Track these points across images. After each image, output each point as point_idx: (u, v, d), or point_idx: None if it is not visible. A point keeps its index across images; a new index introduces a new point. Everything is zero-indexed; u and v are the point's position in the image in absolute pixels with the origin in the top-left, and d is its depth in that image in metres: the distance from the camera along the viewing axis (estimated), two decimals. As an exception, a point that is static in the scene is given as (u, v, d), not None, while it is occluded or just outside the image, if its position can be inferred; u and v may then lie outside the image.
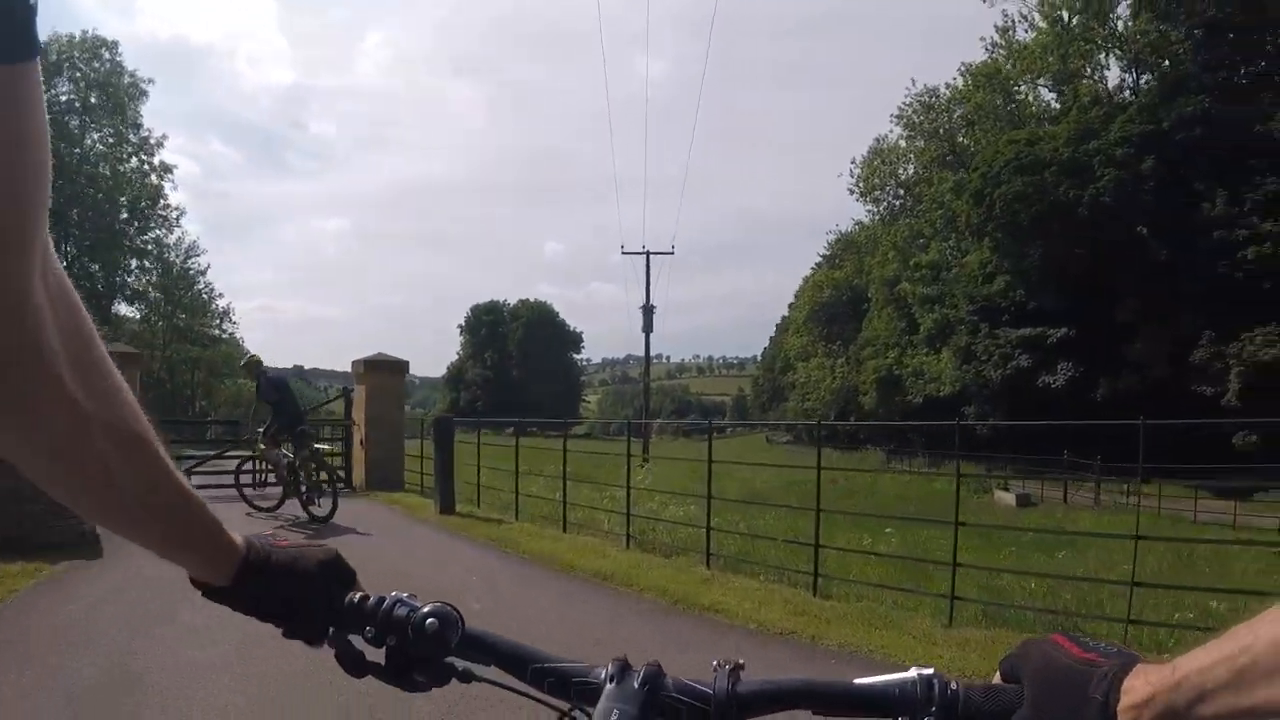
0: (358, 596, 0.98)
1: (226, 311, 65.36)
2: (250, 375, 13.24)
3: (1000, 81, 53.03)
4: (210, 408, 57.97)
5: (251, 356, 13.67)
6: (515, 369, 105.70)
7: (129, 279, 58.22)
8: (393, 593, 0.97)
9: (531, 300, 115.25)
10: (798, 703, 0.84)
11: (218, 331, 64.07)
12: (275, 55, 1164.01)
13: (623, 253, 43.74)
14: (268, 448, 12.37)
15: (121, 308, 57.29)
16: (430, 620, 0.92)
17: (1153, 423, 7.06)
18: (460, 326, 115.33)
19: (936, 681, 0.78)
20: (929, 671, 0.79)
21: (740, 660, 0.87)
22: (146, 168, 57.92)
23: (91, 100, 53.66)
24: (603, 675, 0.87)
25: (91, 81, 53.54)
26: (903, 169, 63.00)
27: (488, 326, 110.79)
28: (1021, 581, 9.06)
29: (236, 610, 0.95)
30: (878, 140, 65.12)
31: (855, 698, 0.81)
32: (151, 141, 57.82)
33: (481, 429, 16.11)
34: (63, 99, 51.65)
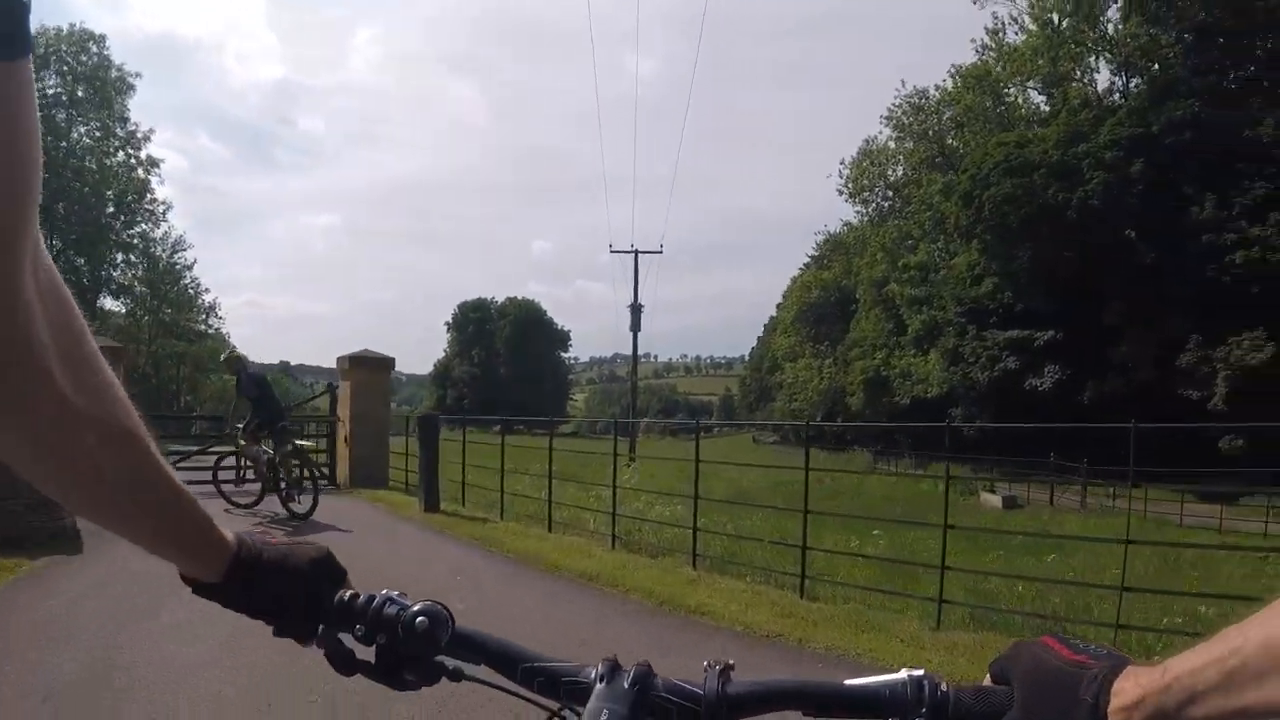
0: (348, 595, 0.98)
1: (213, 307, 65.33)
2: (230, 370, 13.16)
3: (990, 84, 53.04)
4: (196, 403, 57.83)
5: (232, 352, 13.62)
6: (502, 367, 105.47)
7: (115, 273, 57.87)
8: (383, 591, 0.97)
9: (519, 298, 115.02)
10: (788, 703, 0.84)
11: (204, 327, 64.01)
12: (264, 51, 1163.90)
13: (611, 251, 43.65)
14: (247, 444, 12.30)
15: (107, 302, 56.95)
16: (420, 619, 0.92)
17: (1144, 426, 7.02)
18: (447, 324, 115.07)
19: (927, 683, 0.79)
20: (919, 673, 0.80)
21: (730, 660, 0.87)
22: (133, 162, 57.59)
23: (79, 94, 53.29)
24: (593, 675, 0.88)
25: (79, 75, 53.15)
26: (892, 170, 63.09)
27: (475, 324, 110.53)
28: (1009, 585, 9.02)
29: (227, 607, 0.95)
30: (867, 141, 65.29)
31: (846, 699, 0.82)
32: (139, 135, 57.50)
33: (467, 426, 16.00)
34: (50, 92, 51.24)
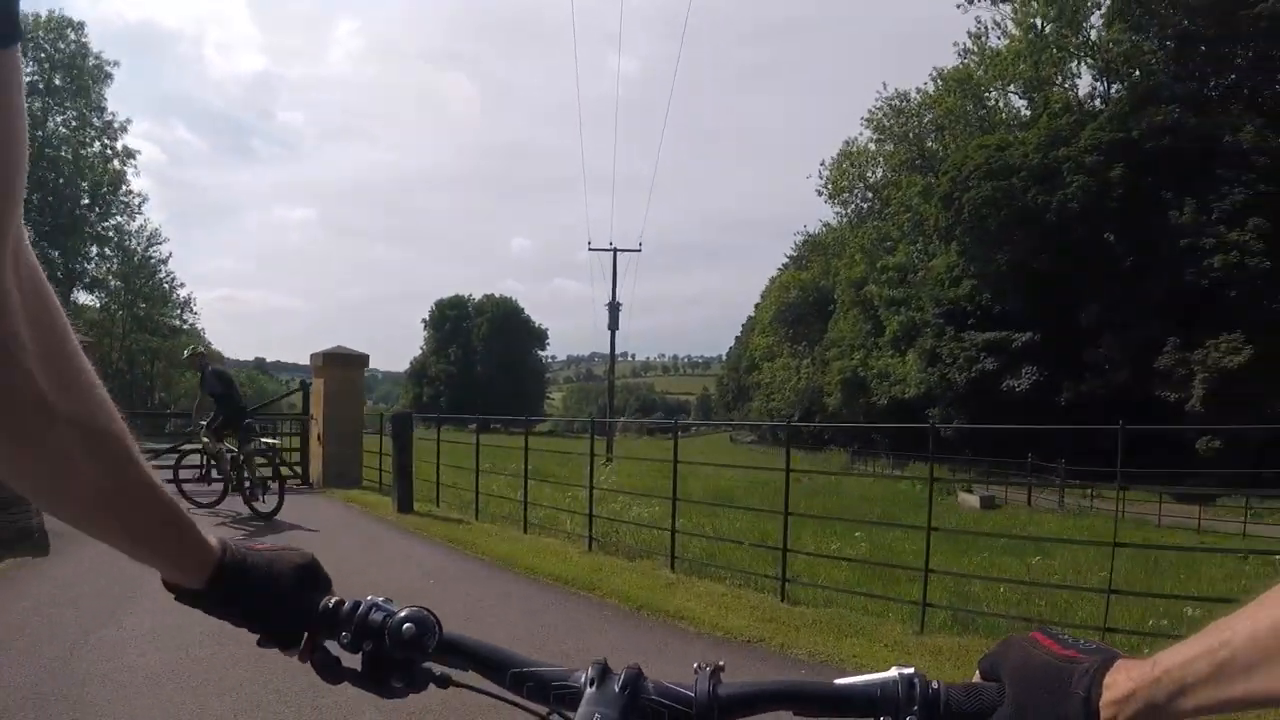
0: (333, 601, 0.96)
1: (188, 301, 64.99)
2: (194, 367, 12.99)
3: (971, 87, 53.26)
4: (170, 400, 57.26)
5: (194, 349, 13.52)
6: (479, 365, 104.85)
7: (89, 266, 57.37)
8: (368, 597, 0.95)
9: (497, 296, 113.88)
10: (780, 704, 0.84)
11: (178, 322, 63.65)
12: (245, 42, 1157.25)
13: (590, 249, 43.24)
14: (211, 441, 12.14)
15: (81, 296, 56.25)
16: (407, 625, 0.90)
17: (1133, 428, 6.92)
18: (424, 321, 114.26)
19: (918, 681, 0.79)
20: (909, 671, 0.80)
21: (720, 662, 0.87)
22: (109, 153, 57.07)
23: (55, 82, 52.62)
24: (583, 679, 0.87)
25: (56, 62, 52.50)
26: (871, 172, 63.21)
27: (452, 321, 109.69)
28: (993, 587, 8.90)
29: (210, 614, 0.92)
30: (847, 143, 65.36)
31: (837, 698, 0.82)
32: (115, 126, 56.97)
33: (443, 425, 15.79)
34: (26, 79, 50.37)
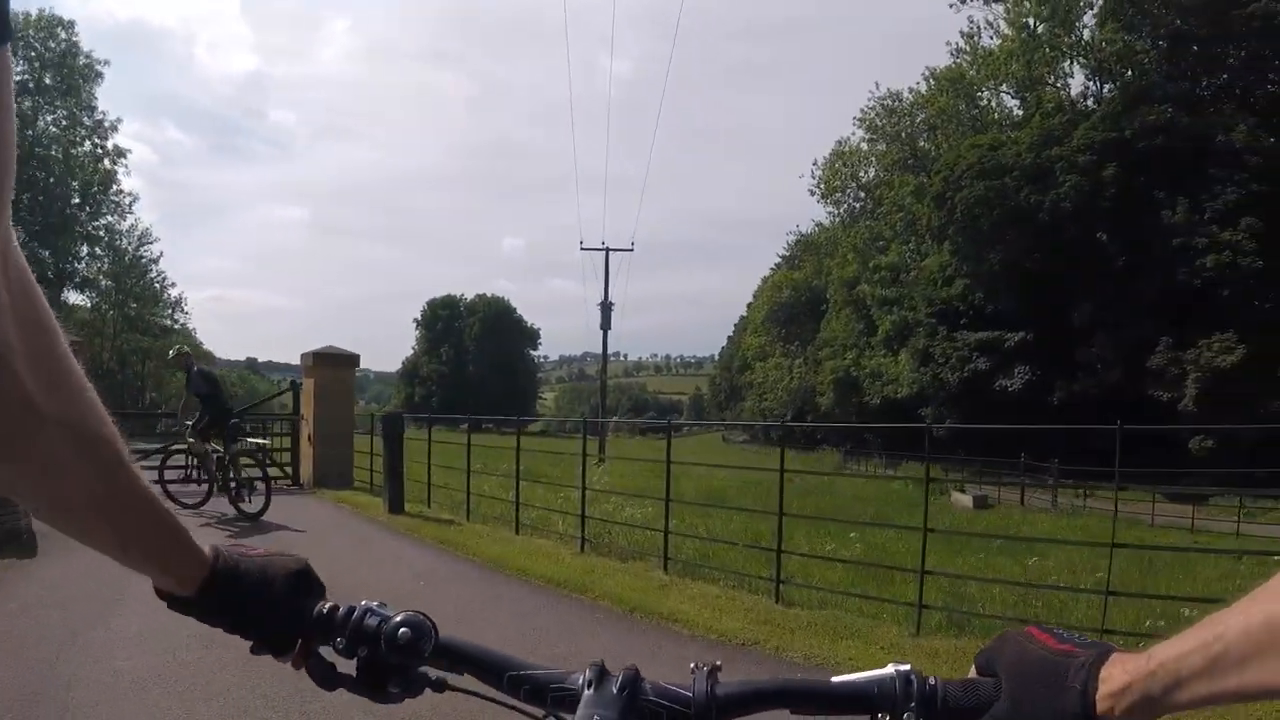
0: (327, 607, 0.95)
1: (179, 301, 64.67)
2: (179, 367, 12.91)
3: (964, 87, 53.26)
4: (160, 400, 56.96)
5: (180, 349, 13.47)
6: (471, 364, 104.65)
7: (79, 266, 56.99)
8: (363, 601, 0.94)
9: (489, 295, 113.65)
10: (777, 703, 0.84)
11: (169, 322, 63.34)
12: (236, 41, 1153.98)
13: (582, 248, 43.05)
14: (196, 442, 12.08)
15: (71, 296, 56.05)
16: (403, 630, 0.90)
17: (1130, 429, 6.84)
18: (416, 321, 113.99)
19: (914, 677, 0.79)
20: (906, 667, 0.80)
21: (718, 662, 0.87)
22: (100, 152, 56.77)
23: (45, 80, 52.34)
24: (580, 681, 0.87)
25: (46, 61, 52.23)
26: (864, 171, 63.18)
27: (444, 321, 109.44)
28: (988, 589, 8.84)
29: (203, 621, 0.91)
30: (839, 143, 65.32)
31: (834, 696, 0.82)
32: (106, 125, 56.67)
33: (435, 425, 15.65)
34: (16, 79, 50.09)
